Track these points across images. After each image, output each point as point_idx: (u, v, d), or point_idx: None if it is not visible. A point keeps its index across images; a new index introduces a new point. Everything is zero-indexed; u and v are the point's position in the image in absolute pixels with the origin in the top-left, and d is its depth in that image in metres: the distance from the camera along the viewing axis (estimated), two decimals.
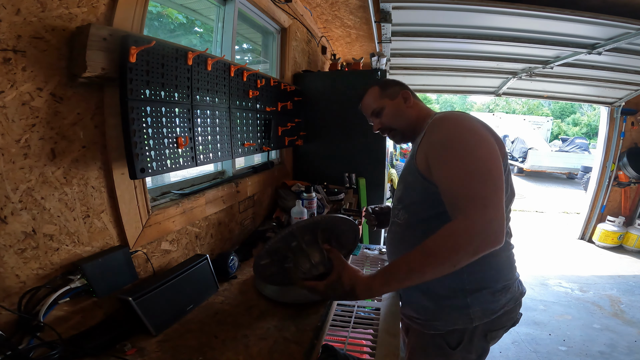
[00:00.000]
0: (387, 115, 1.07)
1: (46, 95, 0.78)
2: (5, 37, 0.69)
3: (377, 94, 1.09)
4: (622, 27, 2.22)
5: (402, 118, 1.06)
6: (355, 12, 2.50)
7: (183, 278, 1.05)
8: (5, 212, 0.72)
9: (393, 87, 1.09)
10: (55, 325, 0.79)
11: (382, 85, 1.10)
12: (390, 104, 1.07)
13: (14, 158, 0.73)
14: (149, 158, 0.95)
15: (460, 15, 2.29)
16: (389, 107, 1.07)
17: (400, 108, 1.06)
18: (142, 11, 0.98)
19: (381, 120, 1.09)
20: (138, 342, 0.89)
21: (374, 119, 1.11)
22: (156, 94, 0.98)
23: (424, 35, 2.71)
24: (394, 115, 1.06)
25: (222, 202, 1.48)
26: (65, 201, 0.84)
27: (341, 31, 2.98)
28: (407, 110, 1.06)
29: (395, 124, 1.07)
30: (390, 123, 1.08)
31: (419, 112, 1.06)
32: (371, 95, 1.11)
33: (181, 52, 1.06)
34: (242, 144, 1.50)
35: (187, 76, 1.10)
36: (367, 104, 1.12)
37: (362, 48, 3.50)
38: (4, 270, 0.72)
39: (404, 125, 1.06)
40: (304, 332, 0.96)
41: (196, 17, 1.62)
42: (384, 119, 1.08)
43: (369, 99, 1.11)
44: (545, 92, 4.43)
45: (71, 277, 0.83)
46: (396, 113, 1.06)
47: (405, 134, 1.08)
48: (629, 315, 2.89)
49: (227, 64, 1.33)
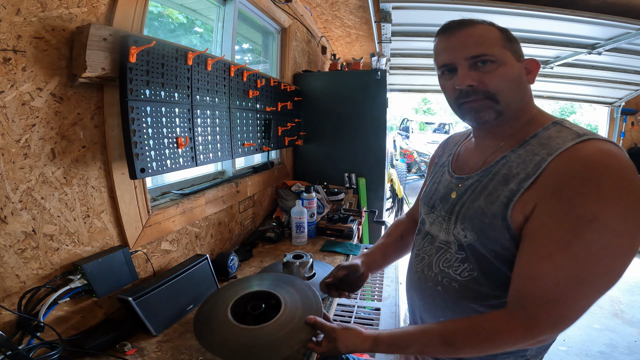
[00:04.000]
0: (503, 75, 0.66)
1: (46, 95, 0.78)
2: (5, 37, 0.69)
3: (498, 38, 0.67)
4: (622, 27, 2.22)
5: (518, 93, 0.68)
6: (355, 12, 2.50)
7: (183, 278, 1.05)
8: (5, 212, 0.72)
9: (518, 45, 0.70)
10: (55, 325, 0.79)
11: (505, 32, 0.69)
12: (514, 65, 0.67)
13: (14, 158, 0.73)
14: (149, 158, 0.95)
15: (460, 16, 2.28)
16: (511, 67, 0.67)
17: (521, 79, 0.68)
18: (142, 11, 0.98)
19: (487, 75, 0.66)
20: (138, 342, 0.89)
21: (472, 69, 0.67)
22: (156, 94, 0.98)
23: (424, 35, 2.71)
24: (511, 82, 0.67)
25: (222, 202, 1.48)
26: (65, 201, 0.84)
27: (341, 31, 2.98)
28: (525, 88, 0.70)
29: (505, 93, 0.66)
30: (499, 88, 0.66)
31: (530, 101, 0.71)
32: (488, 33, 0.67)
33: (181, 52, 1.06)
34: (242, 144, 1.50)
35: (187, 76, 1.10)
36: (475, 40, 0.66)
37: (362, 48, 3.50)
38: (4, 270, 0.72)
39: (514, 103, 0.68)
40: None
41: (196, 17, 1.62)
42: (494, 78, 0.66)
43: (483, 35, 0.67)
44: (545, 92, 4.43)
45: (71, 277, 0.83)
46: (515, 81, 0.67)
47: (504, 116, 0.68)
48: (629, 315, 2.89)
49: (227, 64, 1.33)
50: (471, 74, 0.66)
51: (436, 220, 0.78)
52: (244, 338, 0.75)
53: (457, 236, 0.70)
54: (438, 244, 0.75)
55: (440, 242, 0.75)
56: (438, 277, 0.73)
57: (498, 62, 0.66)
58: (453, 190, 0.75)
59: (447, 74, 0.71)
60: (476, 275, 0.67)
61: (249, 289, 0.90)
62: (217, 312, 0.82)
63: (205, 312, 0.84)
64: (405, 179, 7.13)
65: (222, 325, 0.79)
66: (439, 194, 0.79)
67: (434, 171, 0.90)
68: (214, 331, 0.78)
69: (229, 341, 0.75)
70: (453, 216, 0.72)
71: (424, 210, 0.84)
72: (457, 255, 0.70)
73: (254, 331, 0.76)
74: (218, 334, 0.77)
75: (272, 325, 0.77)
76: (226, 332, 0.77)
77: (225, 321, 0.79)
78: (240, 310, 0.84)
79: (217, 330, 0.78)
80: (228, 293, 0.89)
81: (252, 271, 1.37)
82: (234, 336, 0.76)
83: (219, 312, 0.82)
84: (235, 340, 0.75)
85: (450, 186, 0.77)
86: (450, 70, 0.70)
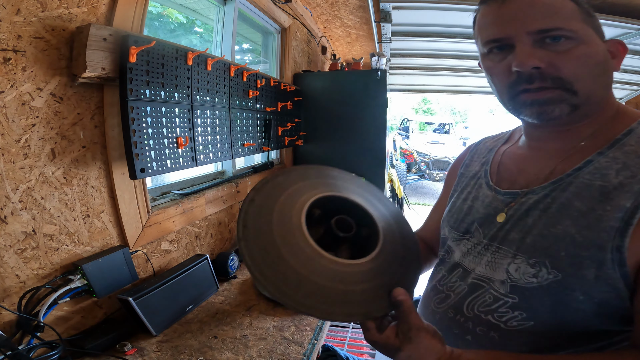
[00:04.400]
0: (584, 57, 0.49)
1: (46, 95, 0.78)
2: (5, 37, 0.69)
3: (574, 10, 0.50)
4: (622, 27, 2.22)
5: (602, 82, 0.52)
6: (355, 12, 2.50)
7: (183, 278, 1.05)
8: (5, 212, 0.72)
9: (599, 22, 0.52)
10: (55, 325, 0.79)
11: (581, 4, 0.51)
12: (599, 45, 0.51)
13: (14, 158, 0.73)
14: (149, 158, 0.95)
15: (460, 15, 2.29)
16: (595, 46, 0.50)
17: (607, 64, 0.52)
18: (142, 11, 0.98)
19: (561, 56, 0.48)
20: (138, 342, 0.89)
21: (538, 46, 0.49)
22: (156, 94, 0.98)
23: (424, 35, 2.71)
24: (595, 67, 0.50)
25: (222, 202, 1.48)
26: (65, 201, 0.84)
27: (341, 31, 2.98)
28: (611, 76, 0.53)
29: (585, 81, 0.49)
30: (578, 74, 0.49)
31: (611, 95, 0.56)
32: (560, 2, 0.50)
33: (181, 52, 1.06)
34: (242, 144, 1.50)
35: (187, 76, 1.10)
36: (543, 10, 0.49)
37: (362, 48, 3.50)
38: (4, 270, 0.72)
39: (596, 95, 0.52)
40: (304, 332, 0.96)
41: (196, 17, 1.62)
42: (572, 60, 0.49)
43: (554, 5, 0.49)
44: None
45: (71, 277, 0.83)
46: (599, 66, 0.50)
47: (579, 112, 0.51)
48: None
49: (227, 64, 1.33)
50: (537, 52, 0.48)
51: (473, 249, 0.60)
52: (330, 279, 0.46)
53: (515, 274, 0.51)
54: (473, 281, 0.57)
55: (477, 278, 0.57)
56: (469, 324, 0.55)
57: (577, 40, 0.48)
58: (499, 210, 0.58)
59: (497, 53, 0.53)
60: (532, 325, 0.50)
61: (328, 189, 0.56)
62: (289, 226, 0.48)
63: (265, 221, 0.49)
64: (405, 179, 7.13)
65: (298, 250, 0.47)
66: (477, 215, 0.61)
67: (460, 184, 0.71)
68: (288, 261, 0.45)
69: (315, 285, 0.45)
70: (506, 246, 0.54)
71: (452, 235, 0.66)
72: (505, 299, 0.52)
73: (346, 271, 0.47)
74: (298, 266, 0.45)
75: (366, 266, 0.49)
76: (310, 266, 0.46)
77: (303, 245, 0.47)
78: (311, 222, 0.52)
79: (295, 258, 0.46)
80: (293, 187, 0.54)
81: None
82: (317, 274, 0.45)
83: (289, 225, 0.49)
84: (322, 284, 0.45)
85: (494, 205, 0.59)
86: (501, 48, 0.52)
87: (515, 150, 0.65)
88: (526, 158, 0.61)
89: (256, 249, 0.45)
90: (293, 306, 0.42)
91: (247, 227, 0.47)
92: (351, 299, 0.46)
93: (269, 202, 0.51)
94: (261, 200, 0.51)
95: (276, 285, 0.43)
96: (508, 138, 0.71)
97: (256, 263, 0.44)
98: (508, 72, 0.52)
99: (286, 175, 0.57)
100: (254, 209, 0.49)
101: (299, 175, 0.58)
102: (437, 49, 3.14)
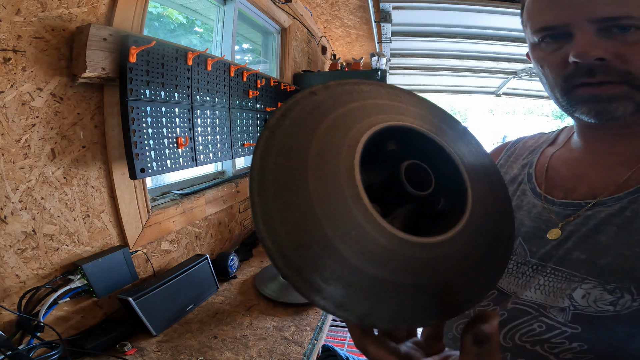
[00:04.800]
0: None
1: (46, 95, 0.78)
2: (5, 37, 0.69)
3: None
4: None
5: None
6: (355, 12, 2.50)
7: (183, 278, 1.05)
8: (5, 212, 0.72)
9: None
10: (55, 325, 0.80)
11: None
12: None
13: (14, 158, 0.73)
14: (149, 158, 0.95)
15: (460, 15, 2.29)
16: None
17: None
18: (142, 11, 0.98)
19: (632, 48, 0.42)
20: (138, 342, 0.89)
21: (601, 35, 0.42)
22: (156, 94, 0.98)
23: (424, 35, 2.71)
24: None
25: (222, 202, 1.48)
26: (65, 201, 0.84)
27: (341, 31, 2.98)
28: None
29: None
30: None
31: None
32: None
33: (181, 52, 1.06)
34: (242, 144, 1.50)
35: (187, 76, 1.10)
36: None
37: (362, 48, 3.50)
38: (4, 270, 0.72)
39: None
40: (304, 332, 0.96)
41: (196, 17, 1.62)
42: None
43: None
44: (545, 92, 4.43)
45: (71, 277, 0.83)
46: None
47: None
48: None
49: (227, 64, 1.33)
50: (601, 42, 0.41)
51: (515, 269, 0.51)
52: (403, 271, 0.28)
53: (581, 301, 0.43)
54: (517, 306, 0.49)
55: (522, 303, 0.48)
56: (506, 356, 0.48)
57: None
58: (552, 224, 0.49)
59: (551, 42, 0.46)
60: (591, 358, 0.43)
61: (396, 116, 0.34)
62: (336, 180, 0.27)
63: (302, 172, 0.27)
64: None
65: (352, 226, 0.26)
66: (522, 229, 0.53)
67: None
68: (337, 247, 0.26)
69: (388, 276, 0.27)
70: (567, 268, 0.45)
71: None
72: (563, 329, 0.44)
73: (422, 257, 0.28)
74: (354, 256, 0.26)
75: (442, 249, 0.29)
76: (374, 253, 0.27)
77: (361, 217, 0.27)
78: (367, 165, 0.31)
79: (347, 243, 0.26)
80: (341, 109, 0.32)
81: (253, 271, 1.36)
82: (385, 266, 0.27)
83: (337, 178, 0.28)
84: (393, 280, 0.27)
85: (544, 217, 0.51)
86: (556, 37, 0.45)
87: (567, 154, 0.56)
88: (586, 163, 0.52)
89: (279, 222, 0.25)
90: (356, 321, 0.26)
91: (266, 174, 0.27)
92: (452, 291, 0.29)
93: (305, 132, 0.29)
94: (291, 128, 0.30)
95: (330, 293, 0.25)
96: (554, 139, 0.61)
97: (282, 249, 0.25)
98: (563, 64, 0.45)
99: (333, 91, 0.33)
100: (280, 140, 0.29)
101: (357, 93, 0.35)
102: (437, 49, 3.14)
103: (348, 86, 0.35)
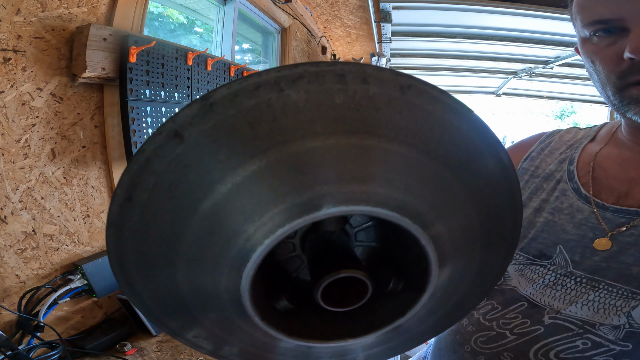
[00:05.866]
0: None
1: (46, 95, 0.78)
2: (5, 37, 0.69)
3: None
4: None
5: None
6: (355, 12, 2.50)
7: None
8: (5, 212, 0.72)
9: None
10: (55, 325, 0.79)
11: None
12: None
13: (14, 158, 0.73)
14: None
15: (460, 15, 2.29)
16: None
17: None
18: (142, 11, 0.98)
19: None
20: (138, 342, 0.89)
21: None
22: (156, 94, 0.98)
23: (424, 35, 2.71)
24: None
25: None
26: (65, 201, 0.83)
27: (341, 31, 2.98)
28: None
29: None
30: None
31: None
32: None
33: (181, 52, 1.06)
34: None
35: (187, 76, 1.10)
36: None
37: (362, 48, 3.49)
38: (4, 270, 0.72)
39: None
40: None
41: (196, 17, 1.62)
42: None
43: None
44: (545, 92, 4.43)
45: (71, 277, 0.83)
46: None
47: None
48: None
49: (227, 64, 1.33)
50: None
51: (555, 281, 0.45)
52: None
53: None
54: (556, 322, 0.44)
55: (564, 319, 0.44)
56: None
57: None
58: (601, 232, 0.44)
59: (604, 37, 0.42)
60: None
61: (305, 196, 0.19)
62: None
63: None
64: None
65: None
66: (563, 236, 0.46)
67: (525, 183, 0.54)
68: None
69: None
70: (625, 284, 0.41)
71: (520, 258, 0.49)
72: (611, 346, 0.41)
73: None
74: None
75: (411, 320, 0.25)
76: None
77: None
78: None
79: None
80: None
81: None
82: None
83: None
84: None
85: (592, 223, 0.45)
86: (609, 31, 0.42)
87: (617, 152, 0.49)
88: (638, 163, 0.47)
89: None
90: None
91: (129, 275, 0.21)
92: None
93: (162, 238, 0.21)
94: (141, 226, 0.21)
95: None
96: (594, 135, 0.55)
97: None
98: (618, 59, 0.41)
99: (219, 121, 0.18)
100: (131, 246, 0.21)
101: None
102: (437, 49, 3.14)
103: (254, 100, 0.17)
